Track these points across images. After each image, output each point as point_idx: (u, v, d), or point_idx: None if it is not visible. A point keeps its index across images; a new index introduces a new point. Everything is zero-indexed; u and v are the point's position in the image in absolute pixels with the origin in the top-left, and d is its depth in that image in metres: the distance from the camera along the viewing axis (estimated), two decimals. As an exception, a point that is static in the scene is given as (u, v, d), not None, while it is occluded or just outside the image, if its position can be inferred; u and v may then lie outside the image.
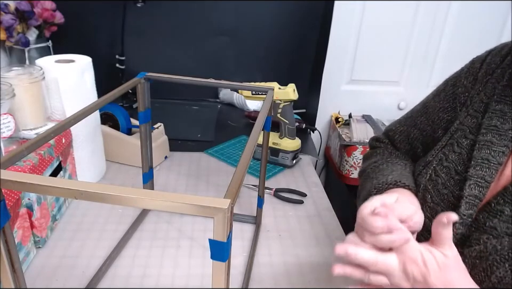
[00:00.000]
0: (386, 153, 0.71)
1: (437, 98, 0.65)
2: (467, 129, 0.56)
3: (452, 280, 0.44)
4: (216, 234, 0.33)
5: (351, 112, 1.73)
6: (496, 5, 1.62)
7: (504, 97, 0.53)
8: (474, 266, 0.47)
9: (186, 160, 1.08)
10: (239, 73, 1.50)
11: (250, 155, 0.45)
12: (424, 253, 0.45)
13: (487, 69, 0.57)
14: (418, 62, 1.73)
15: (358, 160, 1.51)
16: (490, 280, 0.45)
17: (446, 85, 0.64)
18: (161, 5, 1.36)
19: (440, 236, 0.45)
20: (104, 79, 0.97)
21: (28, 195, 0.66)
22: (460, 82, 0.61)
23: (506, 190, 0.48)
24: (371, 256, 0.47)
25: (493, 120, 0.53)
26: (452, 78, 0.64)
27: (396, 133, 0.72)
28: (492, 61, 0.57)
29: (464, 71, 0.62)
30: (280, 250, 0.77)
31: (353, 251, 0.47)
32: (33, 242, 0.70)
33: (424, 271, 0.45)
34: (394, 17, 1.62)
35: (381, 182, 0.61)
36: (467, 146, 0.54)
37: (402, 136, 0.71)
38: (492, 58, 0.58)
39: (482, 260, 0.46)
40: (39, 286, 0.64)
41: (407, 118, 0.72)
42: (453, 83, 0.63)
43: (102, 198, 0.34)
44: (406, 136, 0.70)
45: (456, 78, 0.63)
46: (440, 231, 0.45)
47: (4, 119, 0.69)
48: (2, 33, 1.07)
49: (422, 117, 0.67)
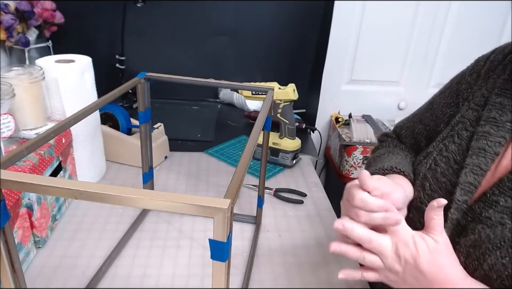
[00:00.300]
0: (391, 146, 0.74)
1: (442, 95, 0.68)
2: (467, 122, 0.57)
3: (441, 264, 0.47)
4: (216, 234, 0.33)
5: (351, 112, 1.73)
6: (496, 5, 1.62)
7: (505, 91, 0.55)
8: (468, 255, 0.48)
9: (186, 160, 1.08)
10: (239, 73, 1.50)
11: (250, 155, 0.45)
12: (416, 237, 0.48)
13: (490, 66, 0.59)
14: (418, 62, 1.73)
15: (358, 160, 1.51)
16: (483, 268, 0.46)
17: (451, 82, 0.67)
18: (161, 5, 1.36)
19: (432, 222, 0.47)
20: (104, 79, 0.97)
21: (28, 195, 0.66)
22: (464, 80, 0.63)
23: (502, 181, 0.49)
24: (366, 232, 0.50)
25: (492, 112, 0.55)
26: (458, 76, 0.66)
27: (403, 128, 0.76)
28: (495, 59, 0.59)
29: (469, 69, 0.64)
30: (280, 250, 0.77)
31: (350, 226, 0.50)
32: (33, 242, 0.70)
33: (415, 254, 0.47)
34: (394, 17, 1.62)
35: (378, 168, 0.64)
36: (467, 138, 0.56)
37: (408, 131, 0.74)
38: (495, 56, 0.60)
39: (476, 249, 0.48)
40: (39, 286, 0.64)
41: (414, 115, 0.75)
42: (457, 81, 0.65)
43: (102, 198, 0.34)
44: (411, 131, 0.73)
45: (461, 75, 0.65)
46: (432, 217, 0.47)
47: (3, 119, 0.69)
48: (2, 33, 1.07)
49: (427, 112, 0.70)
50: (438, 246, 0.47)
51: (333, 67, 1.66)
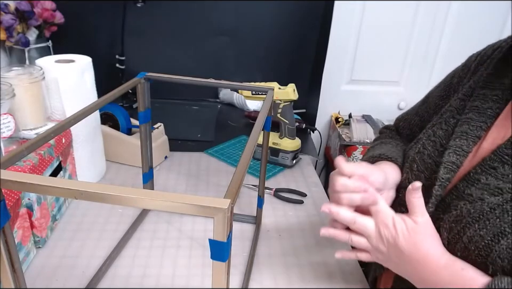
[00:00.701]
0: (387, 137, 0.79)
1: (437, 89, 0.73)
2: (455, 110, 0.62)
3: (419, 244, 0.50)
4: (216, 234, 0.33)
5: (351, 112, 1.73)
6: (496, 5, 1.62)
7: (488, 83, 0.59)
8: (451, 230, 0.51)
9: (186, 160, 1.08)
10: (239, 73, 1.50)
11: (250, 155, 0.45)
12: (396, 218, 0.52)
13: (480, 60, 0.64)
14: (418, 62, 1.73)
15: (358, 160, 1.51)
16: (463, 241, 0.49)
17: (446, 77, 0.72)
18: (161, 5, 1.36)
19: (412, 204, 0.51)
20: (104, 79, 0.97)
21: (28, 195, 0.66)
22: (457, 74, 0.68)
23: (484, 161, 0.52)
24: (350, 214, 0.55)
25: (476, 102, 0.59)
26: (452, 71, 0.71)
27: (401, 120, 0.82)
28: (485, 54, 0.64)
29: (462, 64, 0.69)
30: (280, 250, 0.77)
31: (335, 210, 0.55)
32: (33, 242, 0.70)
33: (394, 235, 0.51)
34: (394, 17, 1.62)
35: (368, 156, 0.70)
36: (453, 124, 0.61)
37: (405, 123, 0.80)
38: (486, 52, 0.64)
39: (457, 224, 0.50)
40: (39, 286, 0.64)
41: (412, 108, 0.80)
42: (451, 75, 0.70)
43: (102, 198, 0.34)
44: (408, 122, 0.79)
45: (455, 70, 0.70)
46: (410, 200, 0.51)
47: (3, 119, 0.69)
48: (2, 33, 1.07)
49: (423, 105, 0.76)
50: (417, 227, 0.51)
51: (333, 67, 1.66)
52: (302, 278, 0.70)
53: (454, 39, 1.68)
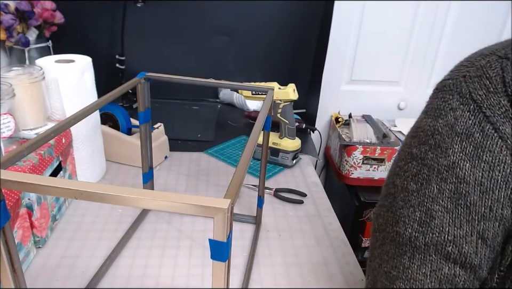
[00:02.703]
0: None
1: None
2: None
3: None
4: (216, 234, 0.33)
5: (351, 112, 1.73)
6: (496, 5, 1.62)
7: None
8: None
9: (186, 160, 1.08)
10: (239, 73, 1.50)
11: (250, 155, 0.45)
12: None
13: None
14: (418, 62, 1.73)
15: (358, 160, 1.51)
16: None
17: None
18: (161, 5, 1.36)
19: None
20: (104, 79, 0.97)
21: (28, 195, 0.66)
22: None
23: None
24: None
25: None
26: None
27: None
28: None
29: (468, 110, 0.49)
30: (280, 250, 0.77)
31: None
32: (33, 242, 0.70)
33: None
34: (394, 17, 1.62)
35: None
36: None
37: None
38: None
39: None
40: (39, 286, 0.64)
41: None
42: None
43: (102, 198, 0.34)
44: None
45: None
46: None
47: (3, 119, 0.69)
48: (2, 33, 1.07)
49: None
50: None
51: (333, 67, 1.66)
52: (302, 278, 0.70)
53: (454, 39, 1.68)
